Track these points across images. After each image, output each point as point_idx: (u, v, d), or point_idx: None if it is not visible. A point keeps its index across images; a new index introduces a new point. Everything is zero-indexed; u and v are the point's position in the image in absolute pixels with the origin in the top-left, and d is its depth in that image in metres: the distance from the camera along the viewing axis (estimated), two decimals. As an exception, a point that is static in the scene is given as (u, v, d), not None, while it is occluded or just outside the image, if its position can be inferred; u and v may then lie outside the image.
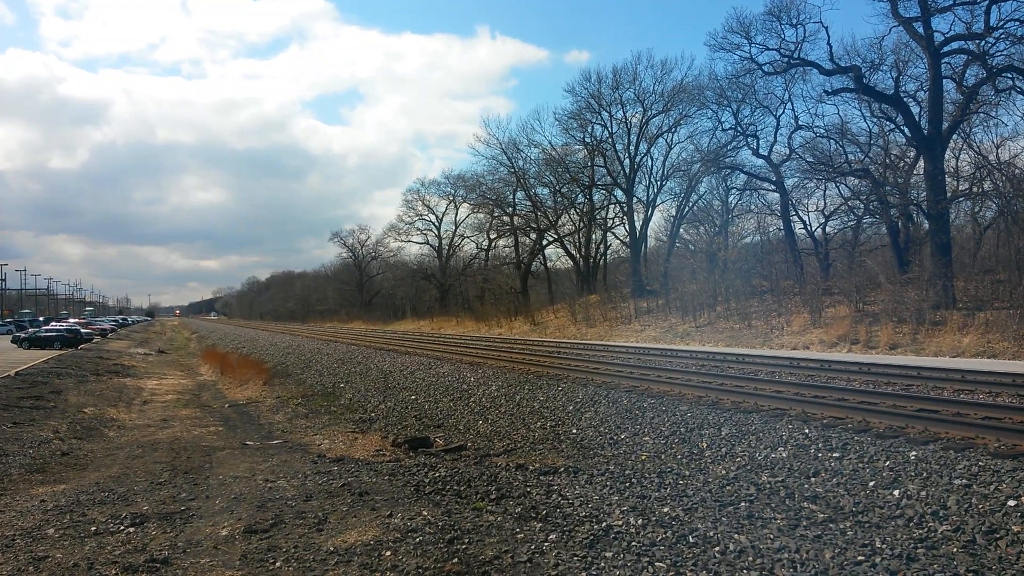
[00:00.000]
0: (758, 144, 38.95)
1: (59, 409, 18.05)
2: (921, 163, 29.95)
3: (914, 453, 8.49)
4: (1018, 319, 20.81)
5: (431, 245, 77.40)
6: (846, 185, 35.12)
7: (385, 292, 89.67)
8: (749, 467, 9.20)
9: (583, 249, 56.41)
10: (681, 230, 46.50)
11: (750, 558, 6.01)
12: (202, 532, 7.04)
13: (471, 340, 37.90)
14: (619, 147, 49.59)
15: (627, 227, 50.22)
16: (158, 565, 6.13)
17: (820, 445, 9.39)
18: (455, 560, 5.98)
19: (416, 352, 28.57)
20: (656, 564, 5.92)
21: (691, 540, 6.45)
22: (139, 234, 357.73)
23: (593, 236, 56.21)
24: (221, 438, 14.81)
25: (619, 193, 51.11)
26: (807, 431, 10.01)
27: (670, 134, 47.54)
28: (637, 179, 48.60)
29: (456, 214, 73.64)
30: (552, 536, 6.59)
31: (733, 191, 42.78)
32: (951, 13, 28.11)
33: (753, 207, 42.44)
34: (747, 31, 33.85)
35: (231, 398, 23.58)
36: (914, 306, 24.31)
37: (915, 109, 30.59)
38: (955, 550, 6.09)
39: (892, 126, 33.09)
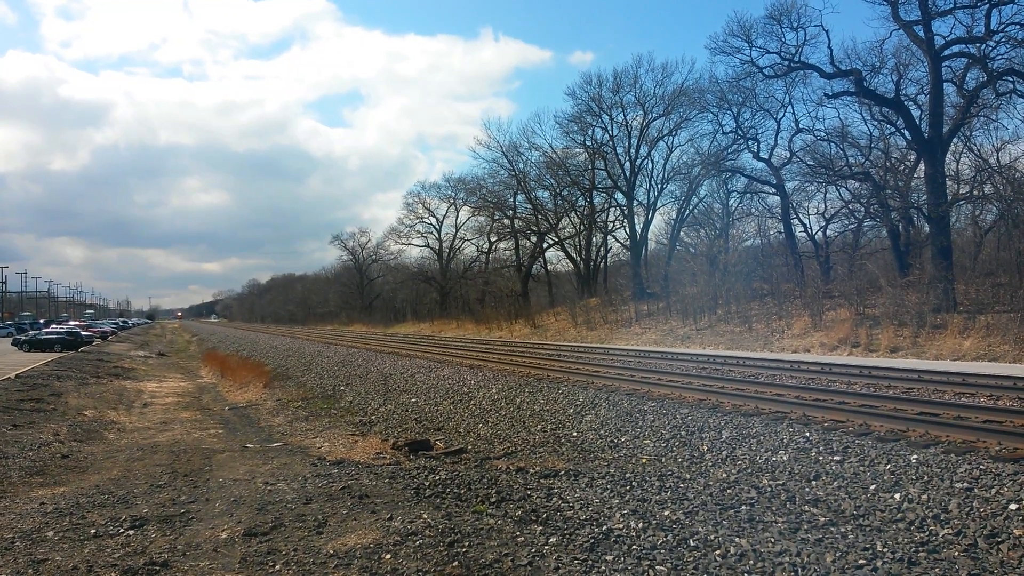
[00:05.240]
0: (759, 147, 39.06)
1: (59, 412, 18.03)
2: (922, 166, 29.97)
3: (915, 456, 8.48)
4: (1019, 322, 20.79)
5: (432, 248, 77.37)
6: (847, 188, 35.18)
7: (386, 295, 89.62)
8: (750, 470, 9.19)
9: (583, 252, 56.42)
10: (682, 233, 46.53)
11: (751, 562, 6.00)
12: (202, 535, 7.02)
13: (471, 343, 37.91)
14: (619, 150, 49.70)
15: (627, 230, 50.29)
16: (157, 568, 6.11)
17: (821, 448, 9.38)
18: (455, 563, 5.97)
19: (416, 355, 28.57)
20: (657, 568, 5.91)
21: (692, 543, 6.44)
22: (140, 236, 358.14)
23: (594, 239, 56.25)
24: (221, 441, 14.79)
25: (619, 196, 51.17)
26: (808, 434, 10.00)
27: (671, 137, 47.64)
28: (638, 182, 48.67)
29: (457, 217, 73.67)
30: (552, 539, 6.58)
31: (734, 194, 42.87)
32: (952, 17, 28.17)
33: (754, 210, 42.49)
34: (748, 34, 33.92)
35: (231, 401, 23.56)
36: (915, 309, 24.31)
37: (916, 112, 30.65)
38: (956, 554, 6.08)
39: (893, 129, 33.17)
